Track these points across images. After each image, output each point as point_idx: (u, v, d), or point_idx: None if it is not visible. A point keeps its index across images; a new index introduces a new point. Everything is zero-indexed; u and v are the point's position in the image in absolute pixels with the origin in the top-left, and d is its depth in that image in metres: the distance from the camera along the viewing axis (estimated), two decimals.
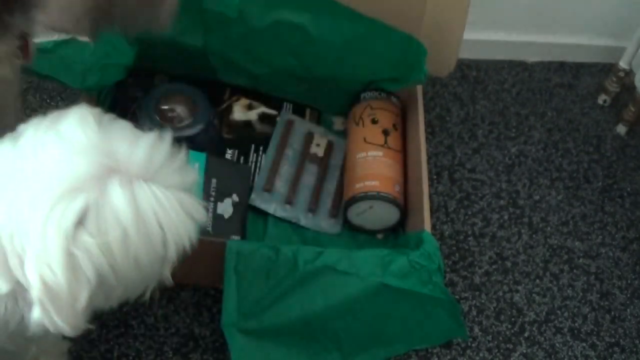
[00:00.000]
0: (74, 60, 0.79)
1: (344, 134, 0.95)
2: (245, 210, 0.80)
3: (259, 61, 0.87)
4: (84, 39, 0.78)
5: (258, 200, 0.83)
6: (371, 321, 0.72)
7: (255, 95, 0.93)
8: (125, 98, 0.87)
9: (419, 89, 0.90)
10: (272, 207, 0.83)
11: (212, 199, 0.77)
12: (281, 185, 0.85)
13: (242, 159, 0.86)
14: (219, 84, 0.91)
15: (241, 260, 0.68)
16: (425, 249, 0.70)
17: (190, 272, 0.78)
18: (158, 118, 0.82)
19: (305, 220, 0.84)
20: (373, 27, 0.82)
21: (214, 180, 0.78)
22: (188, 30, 0.82)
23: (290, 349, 0.71)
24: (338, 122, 0.97)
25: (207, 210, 0.76)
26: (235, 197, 0.79)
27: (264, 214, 0.84)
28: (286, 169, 0.87)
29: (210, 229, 0.76)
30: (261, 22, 0.81)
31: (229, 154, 0.86)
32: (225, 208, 0.78)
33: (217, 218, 0.76)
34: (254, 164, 0.86)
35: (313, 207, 0.85)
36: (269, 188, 0.84)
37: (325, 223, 0.85)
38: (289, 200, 0.84)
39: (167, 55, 0.87)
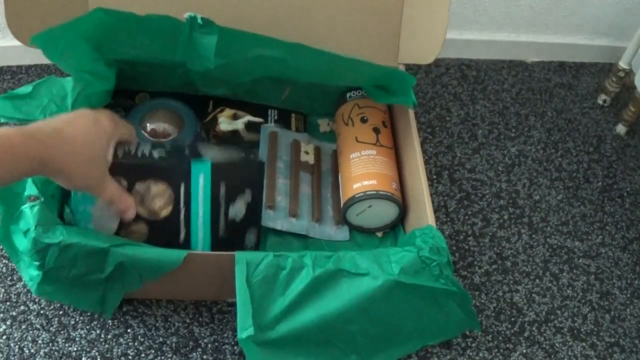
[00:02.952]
0: (58, 98, 0.78)
1: (330, 135, 0.95)
2: (260, 203, 0.78)
3: (240, 77, 0.87)
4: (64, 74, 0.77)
5: (262, 218, 0.82)
6: (386, 321, 0.72)
7: (239, 104, 0.92)
8: None
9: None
10: (279, 224, 0.83)
11: (222, 205, 0.75)
12: (282, 199, 0.85)
13: None
14: (201, 97, 0.91)
15: (252, 271, 0.68)
16: (434, 243, 0.70)
17: (197, 288, 0.78)
18: (145, 134, 0.81)
19: (312, 231, 0.83)
20: (353, 63, 0.81)
21: (222, 186, 0.76)
22: (166, 49, 0.80)
23: (308, 356, 0.71)
24: (324, 124, 0.97)
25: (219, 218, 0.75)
26: (248, 194, 0.76)
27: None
28: (282, 182, 0.86)
29: (223, 234, 0.74)
30: (240, 57, 0.80)
31: None
32: (238, 209, 0.76)
33: (230, 223, 0.75)
34: None
35: (317, 217, 0.84)
36: (271, 205, 0.83)
37: (332, 231, 0.84)
38: (293, 213, 0.84)
39: (146, 73, 0.86)
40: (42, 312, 0.77)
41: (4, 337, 0.75)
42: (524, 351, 0.80)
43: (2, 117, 0.76)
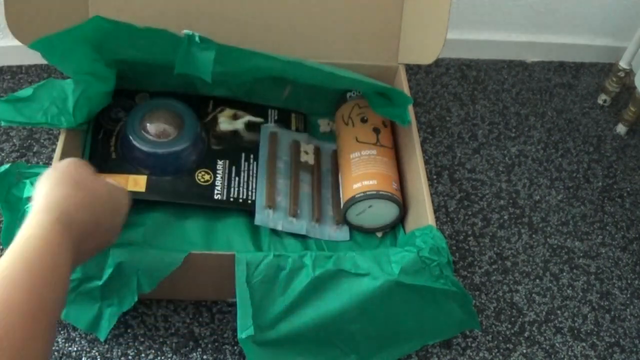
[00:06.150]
0: (60, 101, 0.77)
1: (329, 135, 0.95)
2: None
3: (239, 79, 0.88)
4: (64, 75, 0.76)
5: (262, 218, 0.82)
6: (386, 321, 0.72)
7: (239, 104, 0.92)
8: (108, 120, 0.86)
9: (405, 84, 0.90)
10: (279, 224, 0.82)
11: None
12: (282, 199, 0.84)
13: (233, 169, 0.85)
14: (201, 96, 0.91)
15: (252, 271, 0.68)
16: (434, 243, 0.70)
17: (197, 288, 0.77)
18: (145, 134, 0.81)
19: (313, 231, 0.83)
20: (352, 82, 0.82)
21: None
22: (165, 53, 0.80)
23: (308, 356, 0.71)
24: (324, 124, 0.97)
25: None
26: None
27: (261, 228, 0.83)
28: (282, 182, 0.86)
29: None
30: (238, 68, 0.80)
31: (219, 165, 0.85)
32: None
33: None
34: (245, 172, 0.86)
35: (317, 217, 0.84)
36: (271, 205, 0.83)
37: (332, 231, 0.84)
38: (293, 213, 0.84)
39: (146, 73, 0.86)
40: None
41: None
42: (524, 351, 0.80)
43: (4, 121, 0.76)
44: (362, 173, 0.83)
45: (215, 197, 0.82)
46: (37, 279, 0.42)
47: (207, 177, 0.83)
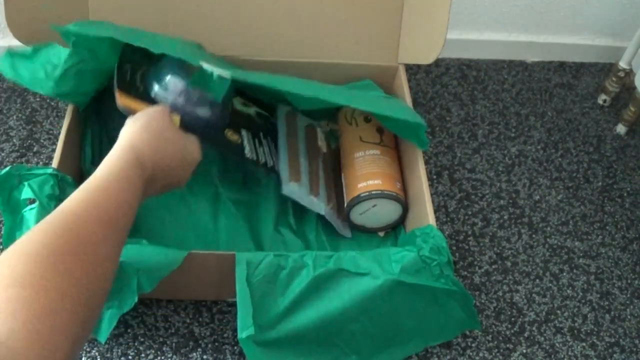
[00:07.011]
0: (50, 66, 0.75)
1: (329, 136, 0.95)
2: None
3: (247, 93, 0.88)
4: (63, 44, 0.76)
5: (289, 189, 0.82)
6: (387, 320, 0.72)
7: (249, 97, 0.92)
8: (131, 63, 0.78)
9: (405, 84, 0.89)
10: (304, 199, 0.82)
11: None
12: (304, 177, 0.84)
13: (256, 140, 0.85)
14: None
15: (252, 270, 0.68)
16: (434, 243, 0.70)
17: (197, 288, 0.77)
18: (184, 72, 0.75)
19: (329, 214, 0.83)
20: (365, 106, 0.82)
21: None
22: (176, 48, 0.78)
23: (308, 356, 0.71)
24: (323, 125, 0.97)
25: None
26: None
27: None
28: (303, 162, 0.86)
29: None
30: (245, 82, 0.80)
31: (244, 132, 0.83)
32: None
33: None
34: (266, 147, 0.85)
35: (332, 204, 0.84)
36: (297, 179, 0.82)
37: (339, 224, 0.84)
38: (315, 193, 0.83)
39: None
40: None
41: None
42: (524, 351, 0.80)
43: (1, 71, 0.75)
44: (367, 172, 0.83)
45: (247, 155, 0.80)
46: (113, 204, 0.52)
47: (235, 137, 0.81)
